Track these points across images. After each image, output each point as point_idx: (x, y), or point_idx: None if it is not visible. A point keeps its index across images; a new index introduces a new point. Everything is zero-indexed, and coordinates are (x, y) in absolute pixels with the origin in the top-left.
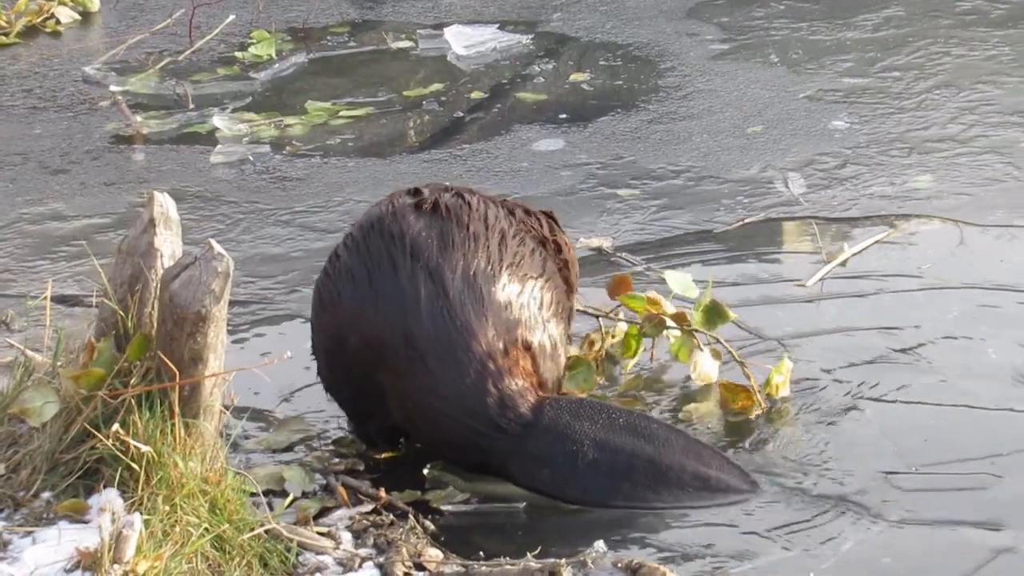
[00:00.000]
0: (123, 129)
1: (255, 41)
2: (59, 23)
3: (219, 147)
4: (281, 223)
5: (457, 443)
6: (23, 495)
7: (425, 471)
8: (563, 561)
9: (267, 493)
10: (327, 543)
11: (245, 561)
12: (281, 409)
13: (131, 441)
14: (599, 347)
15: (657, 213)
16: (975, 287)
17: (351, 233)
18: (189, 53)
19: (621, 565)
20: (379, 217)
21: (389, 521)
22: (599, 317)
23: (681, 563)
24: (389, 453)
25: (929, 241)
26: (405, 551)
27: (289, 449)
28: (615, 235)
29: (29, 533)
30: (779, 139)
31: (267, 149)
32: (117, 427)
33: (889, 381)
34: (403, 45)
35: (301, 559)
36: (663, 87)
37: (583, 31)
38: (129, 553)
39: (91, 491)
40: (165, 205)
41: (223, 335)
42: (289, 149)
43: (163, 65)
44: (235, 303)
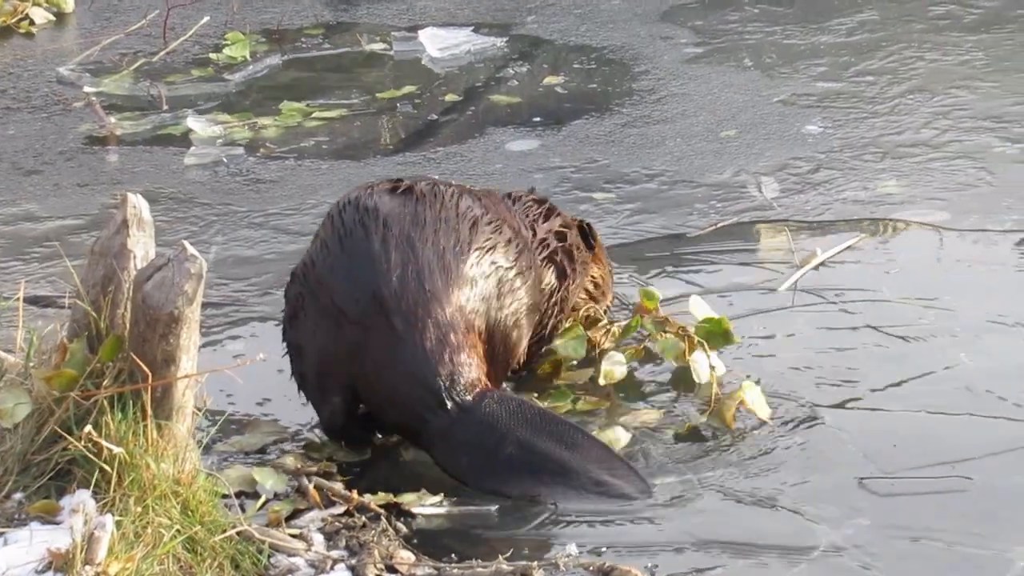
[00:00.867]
0: (97, 130)
1: (229, 43)
2: (33, 24)
3: (193, 148)
4: (255, 225)
5: (402, 409)
6: None
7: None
8: (534, 564)
9: (239, 495)
10: (299, 545)
11: (217, 563)
12: (254, 411)
13: (103, 442)
14: (610, 335)
15: (631, 217)
16: (946, 293)
17: (328, 212)
18: (163, 54)
19: (593, 568)
20: (356, 195)
21: (361, 523)
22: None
23: (653, 568)
24: (359, 456)
25: (901, 246)
26: (377, 553)
27: (262, 451)
28: None
29: (1, 534)
30: (752, 143)
31: (241, 151)
32: (89, 428)
33: (859, 387)
34: (377, 47)
35: (273, 561)
36: (637, 90)
37: (557, 34)
38: (101, 554)
39: (63, 492)
40: (138, 206)
41: (196, 337)
42: (263, 151)
43: (137, 66)
44: (208, 305)
